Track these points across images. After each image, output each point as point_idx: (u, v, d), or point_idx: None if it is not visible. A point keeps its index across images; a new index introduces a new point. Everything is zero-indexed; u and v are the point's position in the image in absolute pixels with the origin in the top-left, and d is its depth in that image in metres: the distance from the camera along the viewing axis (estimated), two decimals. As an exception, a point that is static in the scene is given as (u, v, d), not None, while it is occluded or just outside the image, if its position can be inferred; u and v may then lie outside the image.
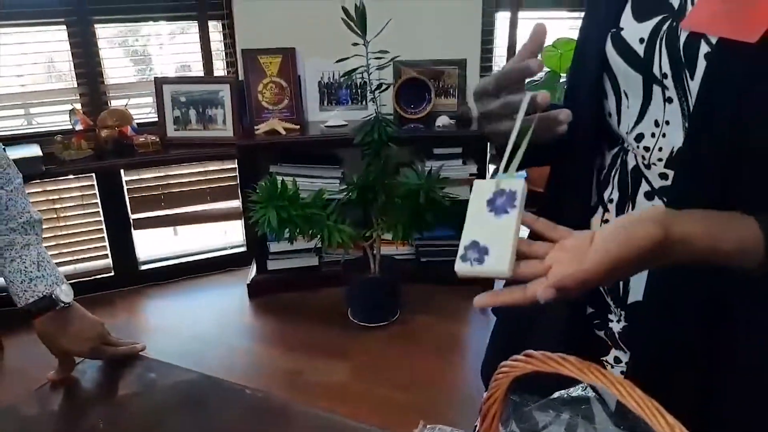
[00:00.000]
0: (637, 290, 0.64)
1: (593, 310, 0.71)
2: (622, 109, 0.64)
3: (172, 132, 2.57)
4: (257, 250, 2.68)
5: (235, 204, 2.92)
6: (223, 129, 2.59)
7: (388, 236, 2.35)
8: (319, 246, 2.54)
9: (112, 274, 2.73)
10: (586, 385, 0.68)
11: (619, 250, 0.47)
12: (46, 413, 0.85)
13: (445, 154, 2.54)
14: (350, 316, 2.47)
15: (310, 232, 2.17)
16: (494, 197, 0.52)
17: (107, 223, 2.68)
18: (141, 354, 0.94)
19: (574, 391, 0.59)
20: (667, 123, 0.59)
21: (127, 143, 2.47)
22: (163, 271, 2.83)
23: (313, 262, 2.70)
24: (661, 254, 0.49)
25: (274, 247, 2.61)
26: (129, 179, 2.69)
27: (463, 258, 0.51)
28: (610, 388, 0.38)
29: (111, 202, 2.65)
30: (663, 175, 0.61)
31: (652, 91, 0.60)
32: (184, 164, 2.71)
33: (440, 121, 2.53)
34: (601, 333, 0.71)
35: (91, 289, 2.58)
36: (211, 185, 2.86)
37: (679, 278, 0.58)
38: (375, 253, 2.38)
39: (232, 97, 2.56)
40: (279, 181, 2.11)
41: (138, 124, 2.55)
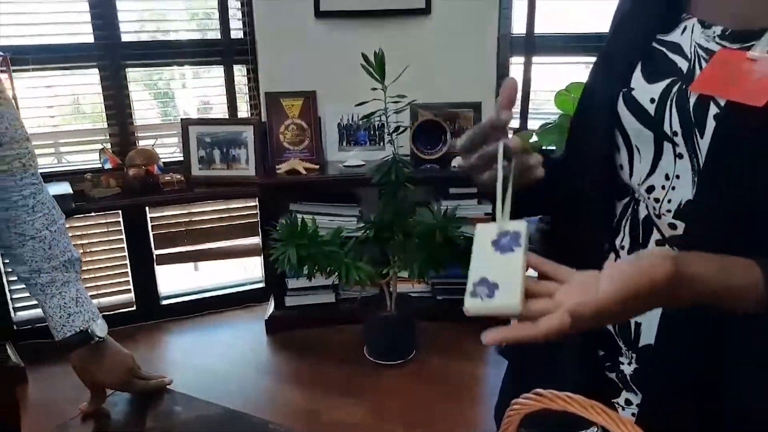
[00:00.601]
0: (648, 333, 0.67)
1: (604, 353, 0.74)
2: (634, 162, 0.67)
3: (197, 171, 2.66)
4: (276, 286, 2.72)
5: (255, 241, 2.98)
6: (246, 168, 2.67)
7: (405, 274, 2.38)
8: (337, 283, 2.58)
9: (134, 308, 2.78)
10: (597, 430, 0.70)
11: (632, 282, 0.49)
12: (79, 444, 0.89)
13: (461, 194, 2.59)
14: (366, 354, 2.49)
15: (328, 270, 2.22)
16: (498, 238, 0.54)
17: (131, 259, 2.75)
18: (168, 387, 0.98)
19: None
20: (677, 177, 0.63)
21: (153, 182, 2.56)
22: (183, 306, 2.88)
23: (330, 298, 2.74)
24: (672, 291, 0.50)
25: (292, 284, 2.66)
26: (153, 216, 2.77)
27: (473, 294, 0.52)
28: (612, 426, 0.41)
29: (135, 237, 2.73)
30: (672, 226, 0.64)
31: (663, 147, 0.63)
32: (207, 202, 2.80)
33: (456, 162, 2.59)
34: (613, 375, 0.73)
35: (113, 323, 2.60)
36: (232, 222, 2.93)
37: (690, 322, 0.61)
38: (391, 291, 2.41)
39: (255, 137, 2.65)
40: (299, 220, 2.17)
41: (164, 163, 2.65)
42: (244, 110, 2.82)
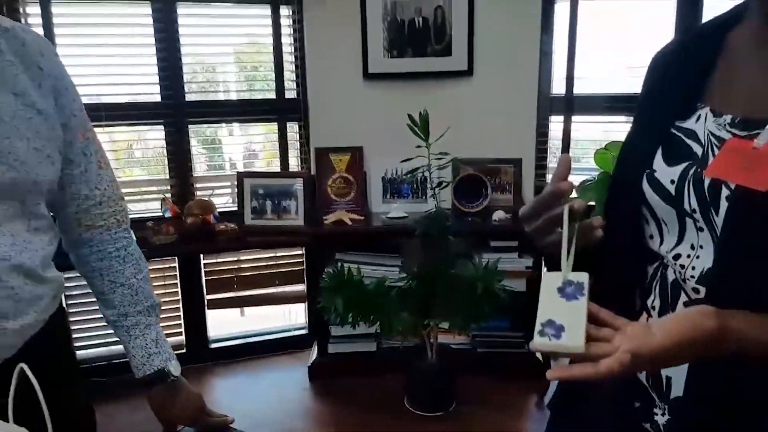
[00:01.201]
0: (678, 386, 0.72)
1: (639, 404, 0.80)
2: (664, 233, 0.75)
3: (250, 220, 2.81)
4: (319, 333, 2.81)
5: (300, 288, 3.09)
6: (295, 219, 2.81)
7: (446, 325, 2.43)
8: (379, 332, 2.64)
9: (185, 350, 2.91)
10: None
11: (686, 331, 0.58)
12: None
13: (501, 247, 2.65)
14: (407, 404, 2.52)
15: (372, 318, 2.29)
16: (564, 286, 0.64)
17: (184, 303, 2.89)
18: (230, 426, 1.07)
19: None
20: (701, 247, 0.70)
21: (209, 230, 2.71)
22: (230, 350, 2.99)
23: (371, 347, 2.79)
24: (717, 343, 0.59)
25: (336, 331, 2.73)
26: (207, 262, 2.93)
27: (541, 333, 0.60)
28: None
29: (189, 282, 2.88)
30: (695, 290, 0.71)
31: (686, 222, 0.72)
32: (257, 250, 2.94)
33: (496, 216, 2.67)
34: (648, 425, 0.78)
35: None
36: (280, 270, 3.05)
37: (715, 375, 0.67)
38: (432, 342, 2.46)
39: (305, 190, 2.80)
40: (346, 269, 2.27)
41: (219, 212, 2.81)
42: (294, 164, 2.99)
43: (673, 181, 0.72)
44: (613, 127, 2.79)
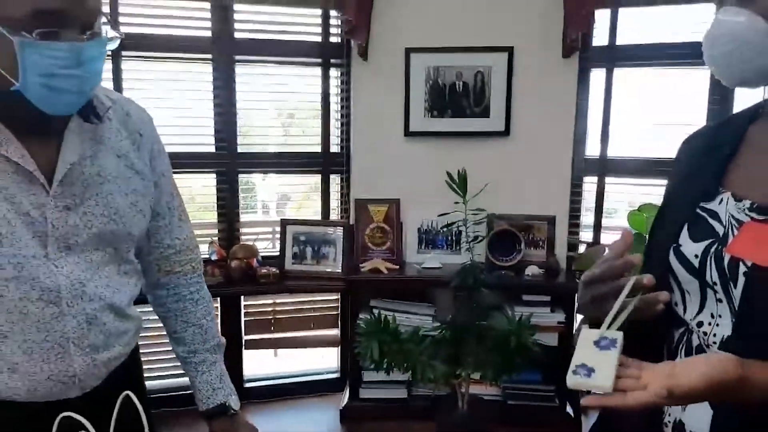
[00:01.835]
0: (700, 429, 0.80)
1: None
2: (687, 301, 0.84)
3: (290, 265, 2.94)
4: (352, 377, 2.88)
5: (334, 332, 3.18)
6: (333, 265, 2.93)
7: (477, 376, 2.47)
8: (411, 379, 2.70)
9: (221, 389, 3.00)
10: None
11: (714, 372, 0.66)
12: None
13: (534, 301, 2.71)
14: (436, 453, 2.55)
15: (405, 366, 2.36)
16: (600, 339, 0.73)
17: (223, 342, 3.00)
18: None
19: None
20: (720, 316, 0.79)
21: (252, 273, 2.85)
22: (263, 390, 3.07)
23: (402, 394, 2.84)
24: (738, 388, 0.66)
25: (368, 376, 2.80)
26: (247, 303, 3.05)
27: (575, 372, 0.69)
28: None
29: (229, 323, 3.00)
30: None
31: (707, 293, 0.81)
32: (296, 294, 3.06)
33: (529, 270, 2.74)
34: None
35: (202, 402, 2.85)
36: (315, 314, 3.16)
37: (739, 420, 0.75)
38: (464, 392, 2.50)
39: (344, 238, 2.93)
40: (383, 317, 2.36)
41: (261, 257, 2.96)
42: (334, 213, 3.14)
43: (696, 256, 0.81)
44: (644, 190, 2.86)
